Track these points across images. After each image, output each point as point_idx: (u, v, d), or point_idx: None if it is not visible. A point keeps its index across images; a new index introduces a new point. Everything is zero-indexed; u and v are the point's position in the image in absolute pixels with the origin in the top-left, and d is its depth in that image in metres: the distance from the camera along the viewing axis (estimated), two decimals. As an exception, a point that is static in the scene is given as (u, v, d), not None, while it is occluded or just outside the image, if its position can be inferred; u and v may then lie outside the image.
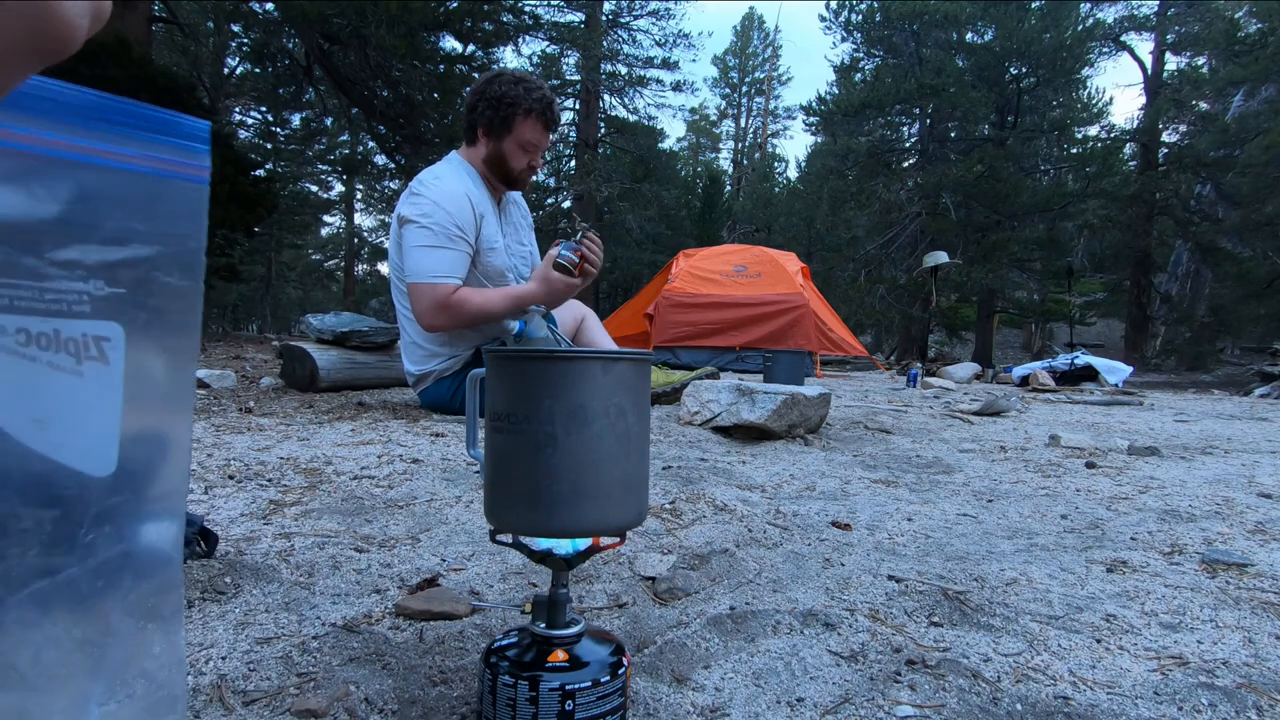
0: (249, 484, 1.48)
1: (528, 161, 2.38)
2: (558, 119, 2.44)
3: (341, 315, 3.35)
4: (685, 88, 17.73)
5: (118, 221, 0.45)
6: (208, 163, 0.49)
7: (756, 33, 33.59)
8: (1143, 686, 0.79)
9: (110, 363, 0.45)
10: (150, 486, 0.47)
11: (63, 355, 0.43)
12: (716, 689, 0.77)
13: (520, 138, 2.33)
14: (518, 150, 2.34)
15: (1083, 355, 7.13)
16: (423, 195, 2.26)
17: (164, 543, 0.48)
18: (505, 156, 2.35)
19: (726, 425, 2.34)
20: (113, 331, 0.45)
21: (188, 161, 0.48)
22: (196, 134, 0.48)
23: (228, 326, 24.37)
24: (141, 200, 0.46)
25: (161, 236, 0.47)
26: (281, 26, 9.35)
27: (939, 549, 1.29)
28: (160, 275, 0.46)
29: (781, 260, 7.14)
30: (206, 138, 0.49)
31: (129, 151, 0.45)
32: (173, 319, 0.47)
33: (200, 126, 0.49)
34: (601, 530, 0.67)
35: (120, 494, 0.46)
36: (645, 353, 0.69)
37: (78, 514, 0.44)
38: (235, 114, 17.08)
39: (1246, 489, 1.85)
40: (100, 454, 0.45)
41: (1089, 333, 18.28)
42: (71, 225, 0.43)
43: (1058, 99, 15.04)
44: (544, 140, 2.38)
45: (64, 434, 0.43)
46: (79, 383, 0.44)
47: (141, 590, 0.47)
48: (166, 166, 0.47)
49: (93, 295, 0.44)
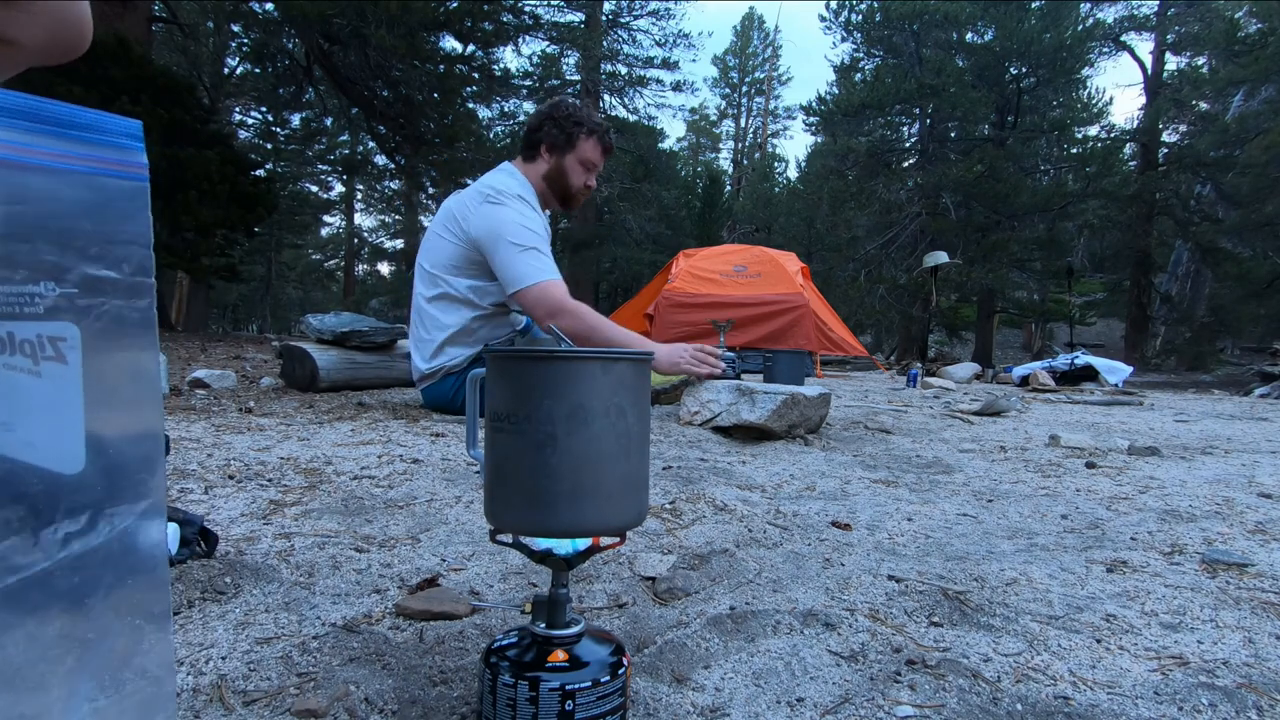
0: (249, 484, 1.48)
1: (584, 181, 2.51)
2: (614, 147, 2.60)
3: (341, 315, 3.35)
4: (685, 88, 17.75)
5: (63, 222, 0.45)
6: (144, 160, 0.49)
7: (756, 33, 33.60)
8: (1143, 686, 0.79)
9: (69, 362, 0.45)
10: (124, 482, 0.48)
11: (19, 357, 0.44)
12: (716, 689, 0.77)
13: (582, 155, 2.46)
14: (578, 167, 2.48)
15: (1083, 355, 7.13)
16: (502, 212, 2.33)
17: (147, 538, 0.49)
18: (566, 172, 2.47)
19: (726, 425, 2.34)
20: (68, 332, 0.45)
21: (125, 160, 0.48)
22: (129, 132, 0.49)
23: (228, 326, 24.39)
24: (85, 200, 0.46)
25: (108, 235, 0.47)
26: (281, 26, 9.35)
27: (939, 549, 1.29)
28: (111, 273, 0.47)
29: (781, 260, 7.13)
30: (139, 136, 0.49)
31: (66, 151, 0.45)
32: (129, 315, 0.48)
33: (132, 126, 0.49)
34: (601, 530, 0.67)
35: (91, 490, 0.46)
36: (645, 353, 0.69)
37: (47, 510, 0.45)
38: (235, 114, 17.09)
39: (1246, 489, 1.85)
40: (67, 451, 0.46)
41: (1089, 333, 18.29)
42: (15, 226, 0.44)
43: (1058, 99, 15.03)
44: (601, 162, 2.53)
45: (29, 433, 0.44)
46: (38, 383, 0.44)
47: (126, 587, 0.48)
48: (105, 165, 0.47)
49: (44, 296, 0.44)
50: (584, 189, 2.52)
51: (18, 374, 0.43)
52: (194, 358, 4.53)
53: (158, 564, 0.50)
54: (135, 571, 0.48)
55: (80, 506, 0.46)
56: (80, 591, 0.46)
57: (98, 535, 0.46)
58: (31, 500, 0.44)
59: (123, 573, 0.48)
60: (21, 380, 0.44)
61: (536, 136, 2.49)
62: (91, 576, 0.46)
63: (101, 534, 0.47)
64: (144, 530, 0.49)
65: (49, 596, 0.44)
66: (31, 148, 0.44)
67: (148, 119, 5.92)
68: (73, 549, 0.45)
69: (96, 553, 0.46)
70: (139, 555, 0.49)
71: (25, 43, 0.34)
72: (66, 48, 0.35)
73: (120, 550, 0.48)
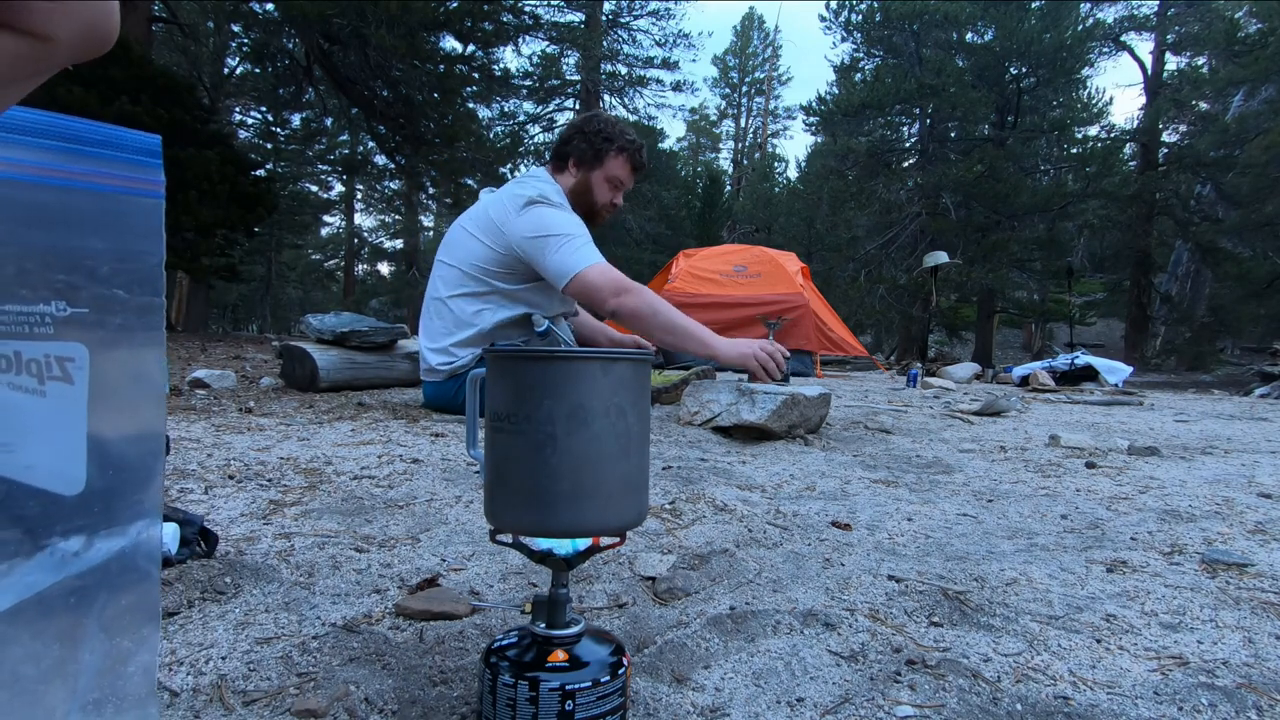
0: (249, 484, 1.48)
1: (611, 199, 2.47)
2: (646, 165, 2.54)
3: (341, 315, 3.35)
4: (685, 88, 17.76)
5: (76, 241, 0.44)
6: (161, 177, 0.48)
7: (756, 33, 33.59)
8: (1143, 686, 0.79)
9: (75, 382, 0.44)
10: (123, 503, 0.47)
11: (24, 377, 0.43)
12: (716, 689, 0.77)
13: (609, 172, 2.43)
14: (604, 184, 2.44)
15: (1083, 355, 7.12)
16: (545, 211, 2.29)
17: (140, 557, 0.48)
18: (592, 188, 2.44)
19: (726, 425, 2.34)
20: (76, 352, 0.45)
21: (142, 177, 0.47)
22: (148, 149, 0.48)
23: (228, 326, 24.39)
24: (99, 219, 0.45)
25: (121, 254, 0.46)
26: (281, 26, 9.35)
27: (939, 549, 1.29)
28: (121, 293, 0.46)
29: (781, 260, 7.13)
30: (158, 152, 0.48)
31: (82, 169, 0.45)
32: (136, 335, 0.47)
33: (151, 141, 0.48)
34: (601, 530, 0.67)
35: (90, 512, 0.45)
36: (645, 353, 0.69)
37: (44, 533, 0.44)
38: (235, 114, 17.08)
39: (1246, 489, 1.85)
40: (68, 473, 0.44)
41: (1089, 333, 18.28)
42: (29, 247, 0.43)
43: (1058, 99, 15.03)
44: (630, 181, 2.49)
45: (30, 455, 0.43)
46: (43, 403, 0.43)
47: (118, 604, 0.47)
48: (121, 183, 0.46)
49: (55, 317, 0.44)
50: (610, 206, 2.48)
51: (22, 394, 0.43)
52: (194, 358, 4.53)
53: (149, 580, 0.49)
54: (128, 589, 0.47)
55: (80, 527, 0.45)
56: (75, 609, 0.45)
57: (94, 555, 0.46)
58: (30, 523, 0.43)
59: (116, 590, 0.47)
60: (25, 401, 0.43)
61: (566, 149, 2.45)
62: (87, 595, 0.45)
63: (98, 554, 0.46)
64: (137, 547, 0.48)
65: (47, 614, 0.44)
66: (47, 166, 0.43)
67: (148, 119, 5.92)
68: (72, 568, 0.44)
69: (93, 572, 0.45)
70: (132, 572, 0.48)
71: (64, 39, 0.33)
72: (100, 43, 0.35)
73: (115, 568, 0.47)
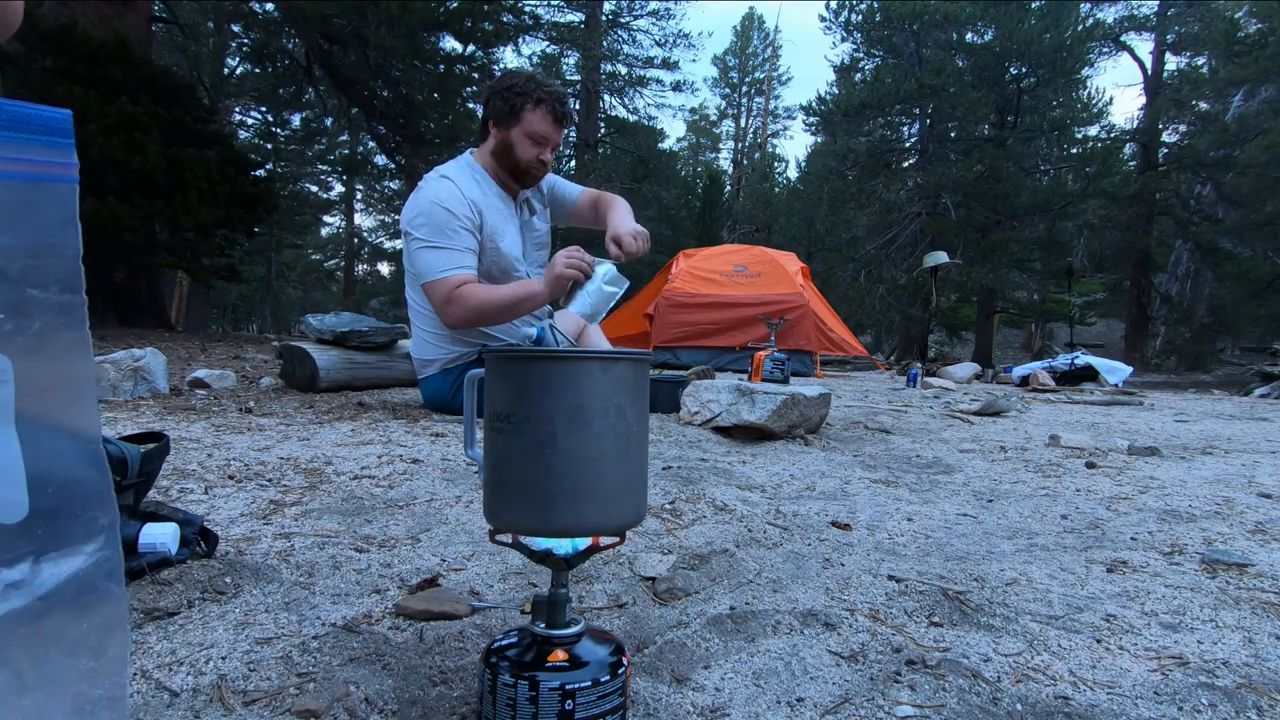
0: (249, 484, 1.48)
1: (536, 155, 2.38)
2: (570, 115, 2.45)
3: (341, 315, 3.35)
4: (685, 88, 17.76)
5: None
6: (75, 159, 0.42)
7: (756, 33, 33.57)
8: (1143, 686, 0.79)
9: (1, 399, 0.39)
10: (73, 521, 0.43)
11: None
12: (716, 689, 0.77)
13: (528, 128, 2.35)
14: (525, 140, 2.36)
15: (1083, 355, 7.12)
16: (418, 198, 2.32)
17: (98, 576, 0.44)
18: (512, 145, 2.37)
19: (726, 425, 2.34)
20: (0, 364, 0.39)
21: (53, 160, 0.41)
22: (58, 127, 0.41)
23: (228, 326, 24.38)
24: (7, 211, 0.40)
25: (34, 250, 0.40)
26: (281, 26, 9.35)
27: (939, 549, 1.29)
28: (37, 292, 0.41)
29: (781, 260, 7.14)
30: (69, 130, 0.42)
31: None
32: (60, 337, 0.41)
33: (60, 118, 0.41)
34: (601, 530, 0.67)
35: (34, 536, 0.41)
36: (644, 353, 0.69)
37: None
38: (235, 114, 17.09)
39: (1246, 489, 1.85)
40: (6, 499, 0.40)
41: (1089, 333, 18.28)
42: None
43: (1058, 99, 15.02)
44: (554, 134, 2.39)
45: None
46: None
47: (79, 628, 0.43)
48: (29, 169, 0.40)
49: None
50: (536, 163, 2.39)
51: None
52: (194, 358, 4.53)
53: (112, 599, 0.45)
54: (89, 612, 0.43)
55: (27, 554, 0.40)
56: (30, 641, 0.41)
57: (44, 582, 0.41)
58: None
59: (76, 614, 0.42)
60: None
61: (485, 113, 2.41)
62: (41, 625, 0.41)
63: (49, 579, 0.41)
64: (96, 567, 0.43)
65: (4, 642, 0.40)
66: None
67: (148, 119, 5.91)
68: (13, 603, 0.40)
69: (46, 598, 0.41)
70: (92, 594, 0.43)
71: None
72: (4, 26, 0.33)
73: (73, 592, 0.42)
